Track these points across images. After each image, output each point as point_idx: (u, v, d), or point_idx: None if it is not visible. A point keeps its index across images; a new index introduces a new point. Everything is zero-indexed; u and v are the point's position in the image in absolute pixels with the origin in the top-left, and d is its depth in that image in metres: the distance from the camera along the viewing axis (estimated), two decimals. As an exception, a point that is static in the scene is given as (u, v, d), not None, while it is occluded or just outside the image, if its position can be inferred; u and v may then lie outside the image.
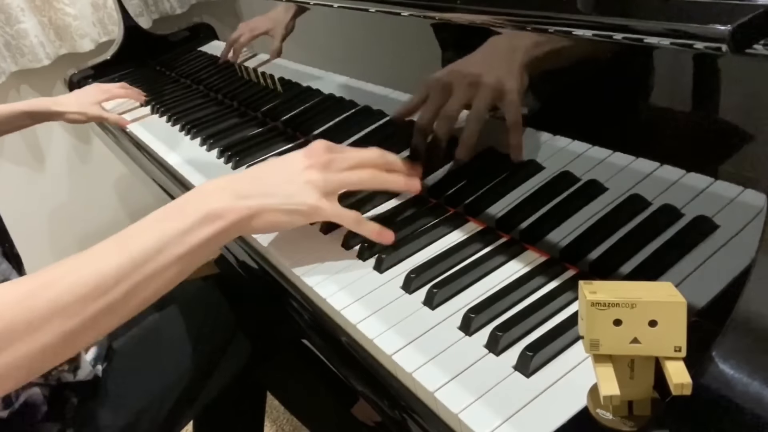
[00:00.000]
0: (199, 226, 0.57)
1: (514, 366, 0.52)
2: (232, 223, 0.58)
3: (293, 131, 1.02)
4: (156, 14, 1.58)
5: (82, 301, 0.51)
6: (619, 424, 0.44)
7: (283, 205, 0.61)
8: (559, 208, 0.62)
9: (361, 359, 0.59)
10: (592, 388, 0.47)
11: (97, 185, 1.78)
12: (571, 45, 0.56)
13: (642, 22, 0.46)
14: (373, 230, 0.66)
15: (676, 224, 0.52)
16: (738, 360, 0.43)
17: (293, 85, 1.02)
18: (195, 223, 0.57)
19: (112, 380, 0.80)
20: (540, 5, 0.54)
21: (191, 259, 0.57)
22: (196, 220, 0.57)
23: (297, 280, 0.69)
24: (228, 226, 0.58)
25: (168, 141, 1.13)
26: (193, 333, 0.87)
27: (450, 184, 0.73)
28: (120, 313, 0.55)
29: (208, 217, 0.57)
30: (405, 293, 0.62)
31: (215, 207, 0.58)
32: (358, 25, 0.83)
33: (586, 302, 0.42)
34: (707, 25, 0.42)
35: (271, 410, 1.48)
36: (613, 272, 0.56)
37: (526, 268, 0.62)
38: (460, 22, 0.64)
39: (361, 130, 0.87)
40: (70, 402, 0.76)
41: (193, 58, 1.38)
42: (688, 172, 0.50)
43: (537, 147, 0.63)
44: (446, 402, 0.50)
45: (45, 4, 1.53)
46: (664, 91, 0.52)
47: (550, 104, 0.62)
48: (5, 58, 1.52)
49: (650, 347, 0.41)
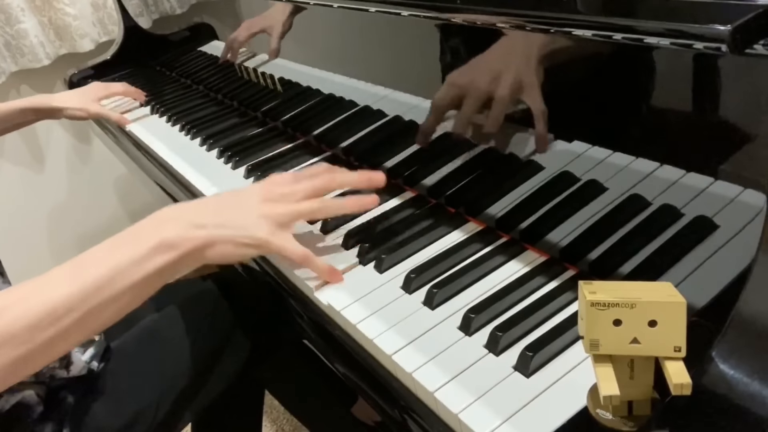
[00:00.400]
0: (152, 255, 0.57)
1: (514, 366, 0.52)
2: (186, 253, 0.58)
3: (293, 131, 1.02)
4: (156, 14, 1.58)
5: (29, 330, 0.51)
6: (619, 424, 0.44)
7: (236, 237, 0.61)
8: (559, 208, 0.62)
9: (361, 359, 0.59)
10: (592, 388, 0.47)
11: (97, 185, 1.78)
12: (574, 45, 0.56)
13: (642, 22, 0.46)
14: (323, 269, 0.66)
15: (676, 224, 0.52)
16: (738, 360, 0.43)
17: (293, 85, 1.02)
18: (149, 252, 0.57)
19: (109, 380, 0.80)
20: (540, 5, 0.54)
21: (144, 287, 0.57)
22: (150, 248, 0.57)
23: (297, 280, 0.69)
24: (182, 255, 0.58)
25: (168, 141, 1.13)
26: (191, 333, 0.86)
27: (450, 184, 0.73)
28: (72, 339, 0.55)
29: (162, 247, 0.57)
30: (405, 293, 0.62)
31: (169, 236, 0.58)
32: (358, 25, 0.83)
33: (586, 302, 0.42)
34: (707, 25, 0.42)
35: (271, 410, 1.47)
36: (613, 272, 0.56)
37: (526, 268, 0.62)
38: (460, 22, 0.64)
39: (361, 130, 0.87)
40: (66, 402, 0.76)
41: (193, 58, 1.38)
42: (688, 172, 0.50)
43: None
44: (446, 402, 0.50)
45: (45, 4, 1.53)
46: (664, 91, 0.52)
47: (550, 104, 0.62)
48: (5, 58, 1.52)
49: (650, 347, 0.41)
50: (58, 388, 0.76)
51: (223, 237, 0.60)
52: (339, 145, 0.91)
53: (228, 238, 0.61)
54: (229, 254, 0.61)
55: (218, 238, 0.60)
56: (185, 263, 0.59)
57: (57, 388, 0.76)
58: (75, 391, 0.77)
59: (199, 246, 0.59)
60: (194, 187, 0.95)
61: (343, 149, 0.90)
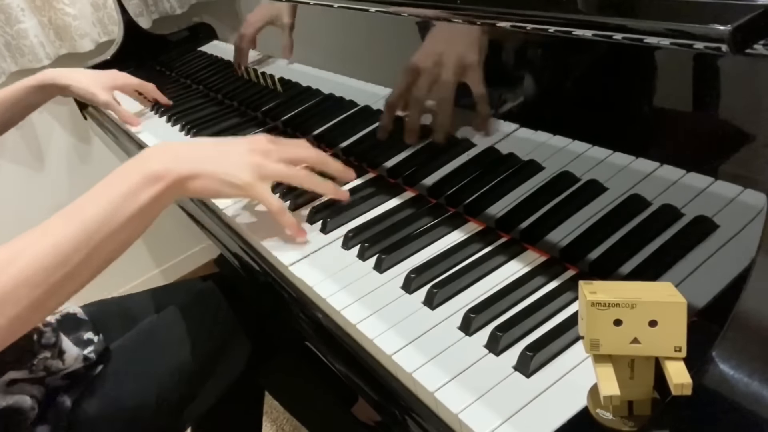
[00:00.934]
0: (142, 187, 0.60)
1: (514, 366, 0.52)
2: (171, 183, 0.62)
3: (293, 131, 1.02)
4: (156, 14, 1.58)
5: (44, 272, 0.55)
6: (619, 424, 0.44)
7: (220, 174, 0.65)
8: (559, 208, 0.62)
9: (361, 359, 0.59)
10: (592, 388, 0.47)
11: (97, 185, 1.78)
12: (578, 45, 0.56)
13: (642, 22, 0.46)
14: (292, 224, 0.70)
15: (676, 224, 0.52)
16: (738, 360, 0.43)
17: (293, 85, 1.02)
18: (138, 185, 0.60)
19: (108, 382, 0.79)
20: (540, 5, 0.54)
21: (141, 219, 0.61)
22: (139, 182, 0.60)
23: (297, 279, 0.69)
24: (168, 185, 0.62)
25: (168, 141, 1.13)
26: (191, 334, 0.86)
27: (450, 184, 0.73)
28: (81, 277, 0.58)
29: (150, 179, 0.61)
30: (405, 293, 0.62)
31: (155, 168, 0.61)
32: (358, 25, 0.83)
33: (586, 302, 0.42)
34: (707, 25, 0.42)
35: (271, 410, 1.48)
36: (613, 272, 0.56)
37: (526, 268, 0.62)
38: (460, 22, 0.64)
39: (361, 130, 0.87)
40: (63, 405, 0.75)
41: (193, 58, 1.38)
42: (688, 172, 0.50)
43: (537, 147, 0.63)
44: (446, 402, 0.50)
45: (45, 4, 1.53)
46: (664, 91, 0.52)
47: (550, 104, 0.62)
48: (5, 58, 1.52)
49: (650, 347, 0.41)
50: (55, 391, 0.76)
51: (207, 172, 0.64)
52: (339, 145, 0.91)
53: (212, 174, 0.64)
54: (213, 189, 0.65)
55: (203, 172, 0.64)
56: (173, 193, 0.63)
57: (54, 390, 0.76)
58: (72, 394, 0.77)
59: (184, 176, 0.63)
60: (194, 187, 0.95)
61: (343, 149, 0.90)
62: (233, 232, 0.83)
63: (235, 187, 0.66)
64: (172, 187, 0.62)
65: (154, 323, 0.89)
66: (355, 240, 0.71)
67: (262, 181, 0.67)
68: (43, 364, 0.73)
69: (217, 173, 0.64)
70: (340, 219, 0.76)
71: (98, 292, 1.00)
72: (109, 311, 0.94)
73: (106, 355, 0.82)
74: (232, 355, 0.91)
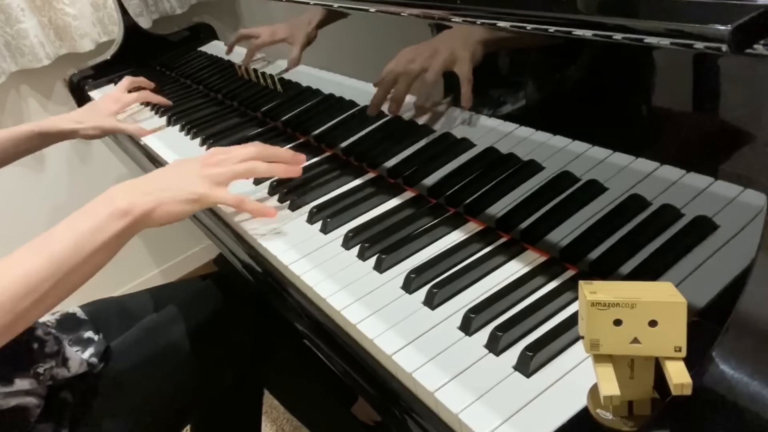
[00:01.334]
0: (109, 222, 0.65)
1: (514, 366, 0.52)
2: (137, 217, 0.66)
3: (293, 131, 1.02)
4: (156, 14, 1.58)
5: (11, 301, 0.58)
6: (619, 424, 0.44)
7: (178, 196, 0.70)
8: (559, 208, 0.62)
9: (360, 359, 0.59)
10: (592, 388, 0.47)
11: (97, 185, 1.77)
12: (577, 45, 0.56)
13: (642, 22, 0.46)
14: (255, 208, 0.75)
15: (676, 224, 0.52)
16: (738, 360, 0.43)
17: (293, 85, 1.02)
18: (106, 220, 0.65)
19: (109, 380, 0.79)
20: (540, 5, 0.54)
21: (106, 251, 0.65)
22: (106, 216, 0.65)
23: (297, 279, 0.69)
24: (134, 219, 0.66)
25: (168, 141, 1.13)
26: (191, 332, 0.86)
27: (450, 184, 0.73)
28: (47, 304, 0.61)
29: (117, 213, 0.65)
30: (405, 293, 0.62)
31: (122, 204, 0.66)
32: (358, 25, 0.83)
33: (586, 302, 0.42)
34: (707, 25, 0.42)
35: (271, 410, 1.47)
36: (613, 272, 0.56)
37: (526, 268, 0.62)
38: (460, 22, 0.64)
39: (361, 130, 0.87)
40: (66, 402, 0.76)
41: (193, 58, 1.38)
42: (688, 172, 0.50)
43: (537, 147, 0.63)
44: (446, 402, 0.50)
45: (45, 4, 1.53)
46: (664, 91, 0.52)
47: (550, 104, 0.62)
48: (5, 58, 1.52)
49: (650, 347, 0.41)
50: (58, 388, 0.76)
51: (167, 198, 0.69)
52: (339, 145, 0.91)
53: (171, 198, 0.69)
54: (176, 212, 0.70)
55: (163, 200, 0.68)
56: (138, 227, 0.67)
57: (57, 387, 0.76)
58: (75, 391, 0.77)
59: (148, 209, 0.67)
60: (194, 187, 0.95)
61: (343, 149, 0.90)
62: (233, 232, 0.83)
63: (194, 201, 0.71)
64: (138, 221, 0.67)
65: (154, 322, 0.89)
66: (355, 240, 0.71)
67: (218, 187, 0.72)
68: (49, 373, 0.73)
69: (175, 197, 0.69)
70: (340, 219, 0.76)
71: (98, 292, 1.00)
72: (108, 311, 0.94)
73: (106, 354, 0.82)
74: (232, 354, 0.91)
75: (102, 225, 0.64)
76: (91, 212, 0.66)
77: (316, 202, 0.80)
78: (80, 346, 0.79)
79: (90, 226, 0.64)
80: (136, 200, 0.67)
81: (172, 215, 0.69)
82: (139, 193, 0.68)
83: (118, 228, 0.65)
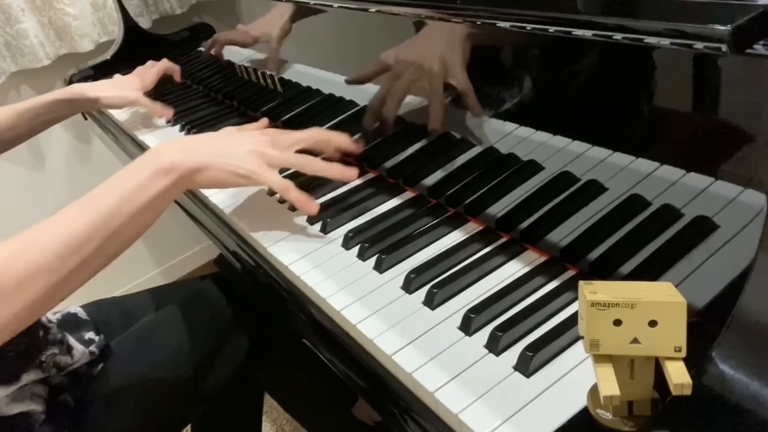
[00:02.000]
0: (153, 179, 0.63)
1: (514, 366, 0.52)
2: (182, 175, 0.65)
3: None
4: (156, 14, 1.58)
5: (59, 259, 0.56)
6: (619, 424, 0.44)
7: (227, 165, 0.67)
8: (559, 208, 0.62)
9: (360, 359, 0.59)
10: (592, 388, 0.47)
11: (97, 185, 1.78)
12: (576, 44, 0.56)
13: (642, 22, 0.46)
14: (299, 198, 0.72)
15: (676, 224, 0.52)
16: (738, 360, 0.43)
17: (293, 85, 1.02)
18: (150, 178, 0.63)
19: (109, 380, 0.79)
20: (540, 5, 0.54)
21: (151, 209, 0.63)
22: (150, 174, 0.63)
23: (297, 280, 0.69)
24: (179, 177, 0.64)
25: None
26: (190, 333, 0.86)
27: (450, 184, 0.73)
28: (94, 264, 0.60)
29: (160, 171, 0.63)
30: (405, 293, 0.62)
31: (165, 162, 0.64)
32: (358, 24, 0.83)
33: (586, 302, 0.42)
34: (707, 25, 0.42)
35: (271, 410, 1.47)
36: (613, 272, 0.56)
37: (526, 268, 0.62)
38: (460, 22, 0.64)
39: (361, 129, 0.87)
40: (66, 403, 0.76)
41: (193, 58, 1.38)
42: (688, 172, 0.50)
43: (537, 147, 0.63)
44: (446, 402, 0.50)
45: (45, 4, 1.53)
46: (664, 91, 0.52)
47: (550, 104, 0.62)
48: (5, 58, 1.52)
49: (650, 347, 0.41)
50: (58, 390, 0.76)
51: (216, 163, 0.67)
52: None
53: (220, 165, 0.67)
54: (221, 180, 0.68)
55: (211, 163, 0.67)
56: (182, 185, 0.66)
57: (56, 389, 0.76)
58: (75, 392, 0.77)
59: (194, 168, 0.65)
60: (194, 187, 0.95)
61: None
62: (233, 232, 0.83)
63: (241, 176, 0.68)
64: (182, 179, 0.65)
65: (154, 322, 0.89)
66: (355, 240, 0.71)
67: (268, 168, 0.69)
68: (52, 360, 0.74)
69: (224, 164, 0.67)
70: (340, 219, 0.76)
71: (98, 292, 1.00)
72: (109, 311, 0.94)
73: (105, 353, 0.82)
74: (231, 354, 0.91)
75: (147, 182, 0.63)
76: (135, 169, 0.64)
77: (320, 200, 0.80)
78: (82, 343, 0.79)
79: (134, 183, 0.62)
80: (183, 157, 0.65)
81: (216, 181, 0.67)
82: (186, 151, 0.66)
83: (163, 185, 0.63)
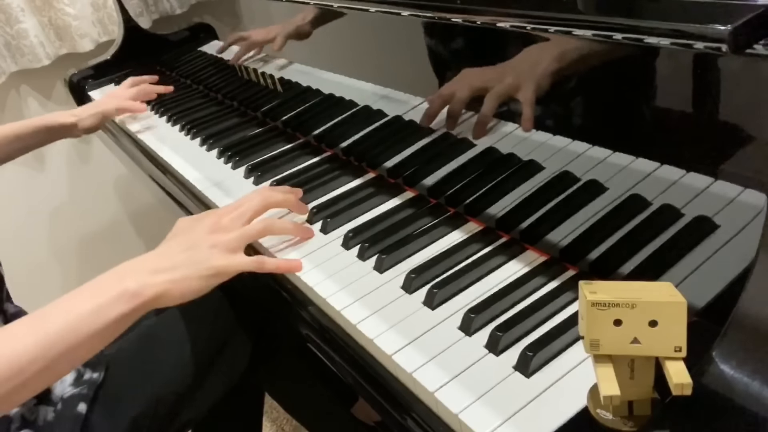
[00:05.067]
0: (114, 303, 0.59)
1: (514, 366, 0.52)
2: (148, 299, 0.61)
3: (293, 131, 1.02)
4: (156, 14, 1.57)
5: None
6: (619, 424, 0.44)
7: (194, 273, 0.64)
8: (559, 208, 0.62)
9: (361, 359, 0.59)
10: (592, 388, 0.47)
11: (97, 185, 1.78)
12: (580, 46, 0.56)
13: (642, 21, 0.46)
14: (279, 266, 0.70)
15: (676, 224, 0.52)
16: (738, 360, 0.43)
17: (293, 85, 1.02)
18: (110, 301, 0.59)
19: (108, 384, 0.79)
20: (540, 5, 0.54)
21: (106, 334, 0.59)
22: (112, 297, 0.59)
23: (297, 280, 0.69)
24: (144, 302, 0.61)
25: (168, 141, 1.13)
26: (191, 335, 0.86)
27: (450, 184, 0.73)
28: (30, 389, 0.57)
29: (124, 296, 0.60)
30: (405, 293, 0.62)
31: (131, 286, 0.60)
32: (358, 25, 0.83)
33: (586, 302, 0.42)
34: (707, 25, 0.42)
35: (271, 410, 1.47)
36: (613, 272, 0.56)
37: (526, 268, 0.62)
38: (460, 22, 0.64)
39: (361, 130, 0.87)
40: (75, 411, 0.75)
41: (193, 58, 1.38)
42: (688, 172, 0.50)
43: (537, 147, 0.63)
44: (446, 402, 0.50)
45: (45, 4, 1.53)
46: (664, 91, 0.52)
47: (550, 104, 0.62)
48: (5, 58, 1.52)
49: (650, 347, 0.41)
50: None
51: (182, 276, 0.63)
52: (339, 145, 0.91)
53: (187, 276, 0.64)
54: (194, 289, 0.64)
55: (178, 278, 0.63)
56: (145, 309, 0.62)
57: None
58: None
59: (161, 291, 0.62)
60: (194, 187, 0.95)
61: (343, 149, 0.90)
62: (233, 232, 0.83)
63: (212, 276, 0.65)
64: (147, 304, 0.61)
65: (154, 325, 0.89)
66: (355, 240, 0.71)
67: (234, 254, 0.67)
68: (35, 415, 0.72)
69: (191, 274, 0.64)
70: (340, 219, 0.76)
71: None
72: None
73: (104, 358, 0.81)
74: (232, 355, 0.90)
75: (105, 306, 0.59)
76: (96, 290, 0.60)
77: (316, 203, 0.80)
78: None
79: (91, 307, 0.58)
80: (147, 281, 0.61)
81: (189, 293, 0.64)
82: (150, 273, 0.62)
83: (124, 310, 0.59)
